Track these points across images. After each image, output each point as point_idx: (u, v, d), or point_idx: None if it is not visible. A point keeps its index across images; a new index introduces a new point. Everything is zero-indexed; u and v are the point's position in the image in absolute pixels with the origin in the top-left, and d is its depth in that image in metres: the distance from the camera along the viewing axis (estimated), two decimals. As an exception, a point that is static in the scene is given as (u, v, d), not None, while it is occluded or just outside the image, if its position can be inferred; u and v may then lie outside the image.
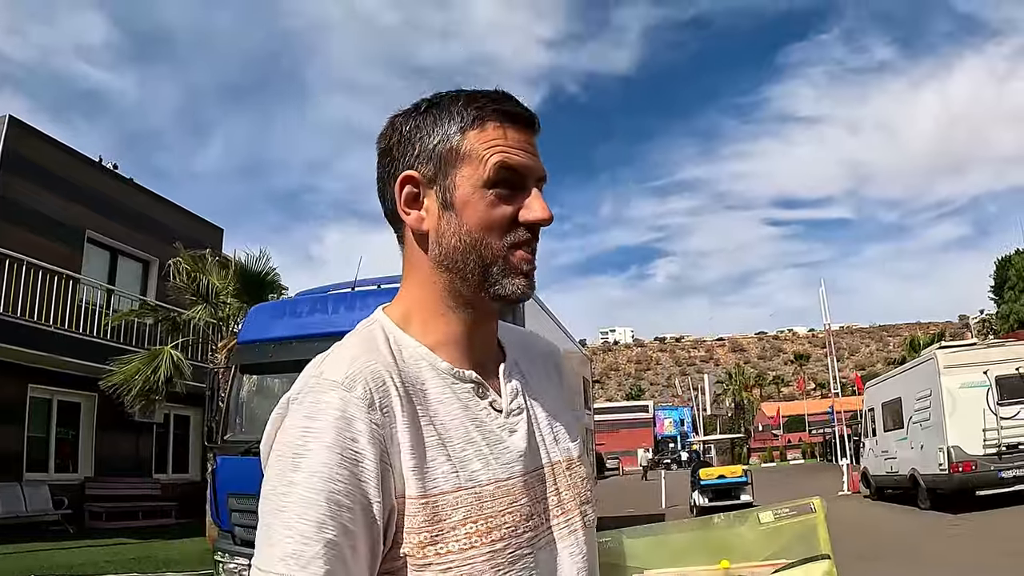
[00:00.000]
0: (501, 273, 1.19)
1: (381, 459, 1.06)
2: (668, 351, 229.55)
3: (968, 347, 18.58)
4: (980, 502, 16.13)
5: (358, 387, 1.08)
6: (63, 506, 16.48)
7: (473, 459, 1.14)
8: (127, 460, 19.34)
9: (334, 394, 1.07)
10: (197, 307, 15.84)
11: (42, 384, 16.91)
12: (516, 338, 1.42)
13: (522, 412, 1.26)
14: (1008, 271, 53.20)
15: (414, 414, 1.12)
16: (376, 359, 1.14)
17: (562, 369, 1.50)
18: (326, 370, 1.11)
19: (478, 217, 1.18)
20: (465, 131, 1.19)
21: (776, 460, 70.33)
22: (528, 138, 1.22)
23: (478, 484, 1.12)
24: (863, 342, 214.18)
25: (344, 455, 1.03)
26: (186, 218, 23.29)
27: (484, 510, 1.11)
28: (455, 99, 1.22)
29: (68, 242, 17.98)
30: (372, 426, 1.06)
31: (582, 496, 1.29)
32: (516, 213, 1.19)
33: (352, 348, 1.16)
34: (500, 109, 1.20)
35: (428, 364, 1.19)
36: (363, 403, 1.07)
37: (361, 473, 1.03)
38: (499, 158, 1.17)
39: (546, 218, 1.19)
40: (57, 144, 18.85)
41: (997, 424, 16.05)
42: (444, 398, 1.17)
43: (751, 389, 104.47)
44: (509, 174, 1.18)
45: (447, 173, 1.19)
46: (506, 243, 1.19)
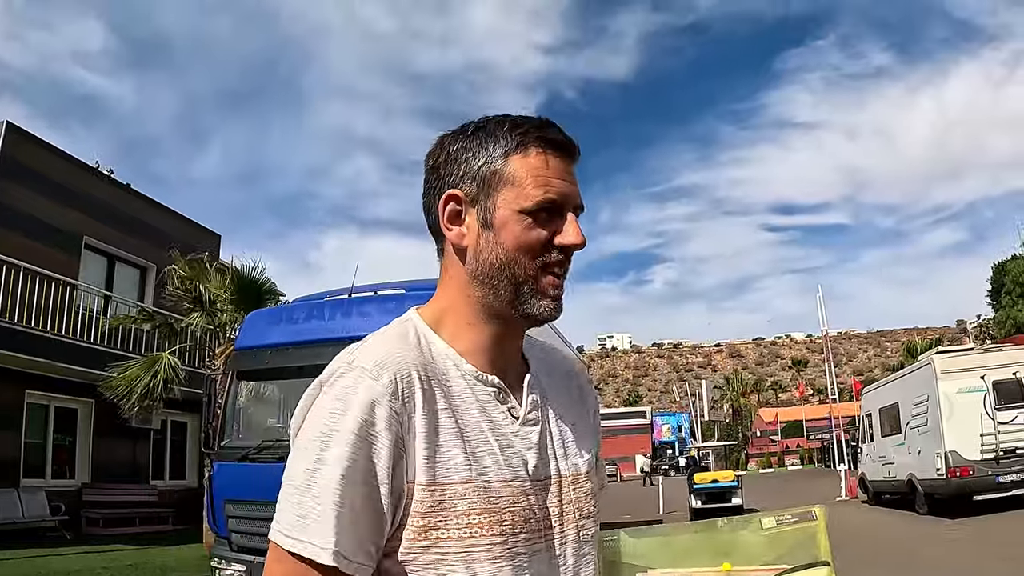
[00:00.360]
0: (531, 293, 1.27)
1: (396, 444, 1.15)
2: (666, 357, 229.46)
3: (965, 352, 18.58)
4: (978, 507, 16.10)
5: (384, 376, 1.17)
6: (60, 512, 16.44)
7: (485, 456, 1.22)
8: (124, 466, 19.31)
9: (361, 382, 1.16)
10: (194, 314, 15.83)
11: (39, 390, 16.89)
12: (541, 354, 1.48)
13: (537, 423, 1.32)
14: (1005, 276, 53.21)
15: (435, 406, 1.21)
16: (405, 352, 1.22)
17: (585, 388, 1.55)
18: (358, 358, 1.20)
19: (514, 238, 1.25)
20: (508, 155, 1.27)
21: (774, 466, 70.34)
22: (567, 166, 1.30)
23: (487, 480, 1.20)
24: (861, 348, 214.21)
25: (364, 439, 1.13)
26: (183, 224, 23.28)
27: (488, 504, 1.19)
28: (501, 123, 1.30)
29: (65, 248, 17.97)
30: (392, 413, 1.15)
31: (583, 511, 1.34)
32: (551, 236, 1.26)
33: (385, 340, 1.25)
34: (543, 136, 1.28)
35: (453, 364, 1.27)
36: (387, 392, 1.15)
37: (375, 456, 1.13)
38: (540, 191, 1.25)
39: (579, 243, 1.28)
40: (54, 150, 18.85)
41: (995, 429, 16.05)
42: (465, 396, 1.25)
43: (749, 395, 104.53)
44: (549, 203, 1.26)
45: (489, 194, 1.27)
46: (538, 264, 1.26)
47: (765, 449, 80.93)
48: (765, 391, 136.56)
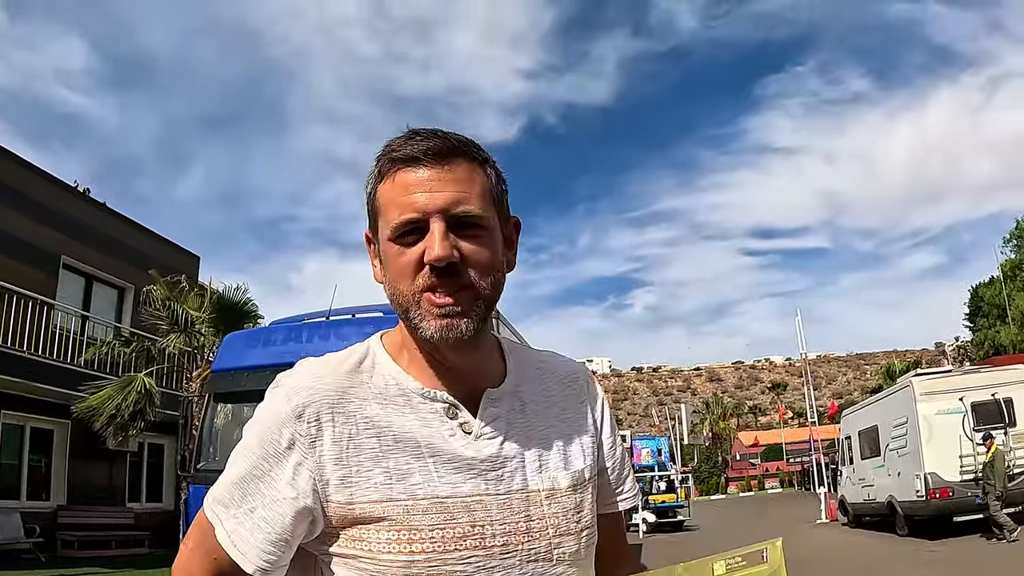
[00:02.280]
0: (418, 317, 1.23)
1: (298, 463, 1.20)
2: (645, 381, 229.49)
3: (944, 374, 18.72)
4: (958, 528, 16.17)
5: (295, 399, 1.22)
6: (35, 534, 16.22)
7: (415, 473, 1.21)
8: (100, 488, 19.10)
9: (279, 400, 1.24)
10: (172, 335, 15.73)
11: (14, 410, 16.69)
12: (534, 364, 1.45)
13: (496, 436, 1.29)
14: (982, 299, 53.72)
15: (351, 428, 1.23)
16: (331, 376, 1.26)
17: (589, 396, 1.50)
18: (288, 375, 1.28)
19: (391, 267, 1.25)
20: (376, 186, 1.27)
21: (754, 489, 70.35)
22: (432, 172, 1.23)
23: (412, 497, 1.19)
24: (840, 370, 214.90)
25: (268, 451, 1.21)
26: (162, 245, 23.17)
27: (411, 522, 1.18)
28: (382, 151, 1.28)
29: (43, 267, 17.83)
30: (296, 435, 1.21)
31: (560, 527, 1.29)
32: (422, 256, 1.21)
33: (314, 365, 1.29)
34: (392, 157, 1.24)
35: (397, 383, 1.28)
36: (293, 414, 1.21)
37: (275, 469, 1.21)
38: (397, 214, 1.22)
39: (432, 259, 1.19)
40: (33, 168, 18.73)
41: (974, 450, 16.13)
42: (402, 415, 1.25)
43: (728, 418, 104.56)
44: (406, 225, 1.22)
45: (376, 228, 1.29)
46: (415, 287, 1.23)
47: (745, 472, 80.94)
48: (744, 415, 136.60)
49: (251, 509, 1.20)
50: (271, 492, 1.20)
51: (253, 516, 1.20)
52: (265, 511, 1.20)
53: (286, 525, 1.20)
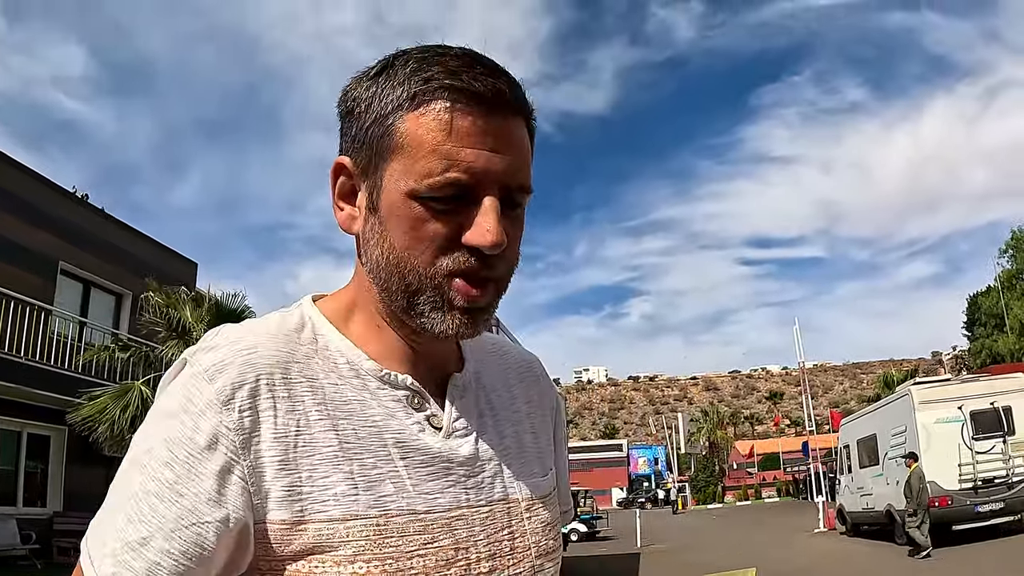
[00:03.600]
0: (430, 304, 0.94)
1: (225, 470, 0.86)
2: (642, 390, 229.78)
3: (942, 383, 18.71)
4: (956, 537, 16.14)
5: (219, 379, 0.88)
6: (31, 541, 16.13)
7: (385, 481, 0.92)
8: (97, 495, 18.26)
9: (195, 382, 0.89)
10: (170, 342, 15.70)
11: (11, 416, 16.63)
12: (492, 349, 1.18)
13: (469, 434, 1.02)
14: (980, 307, 53.82)
15: (300, 418, 0.91)
16: (267, 348, 0.93)
17: (545, 390, 1.22)
18: (203, 349, 0.93)
19: (402, 231, 0.92)
20: (402, 111, 0.91)
21: (751, 498, 70.26)
22: (495, 126, 0.91)
23: (384, 513, 0.90)
24: (837, 380, 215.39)
25: (177, 455, 0.86)
26: (160, 252, 23.11)
27: (385, 548, 0.89)
28: (406, 63, 0.93)
29: (41, 273, 17.77)
30: (222, 429, 0.87)
31: (541, 546, 1.05)
32: (458, 231, 0.91)
33: (245, 329, 0.96)
34: (454, 85, 0.90)
35: (348, 362, 0.97)
36: (217, 400, 0.88)
37: (193, 486, 0.85)
38: (440, 166, 0.89)
39: (486, 244, 0.90)
40: (31, 173, 18.67)
41: (972, 459, 16.14)
42: (362, 402, 0.95)
43: (725, 428, 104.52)
44: (450, 187, 0.90)
45: (378, 166, 0.93)
46: (440, 268, 0.92)
47: (742, 481, 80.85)
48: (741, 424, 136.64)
49: (142, 541, 0.84)
50: (180, 514, 0.85)
51: (145, 553, 0.84)
52: (169, 543, 0.84)
53: (207, 558, 0.86)
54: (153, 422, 0.90)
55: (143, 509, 0.85)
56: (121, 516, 0.86)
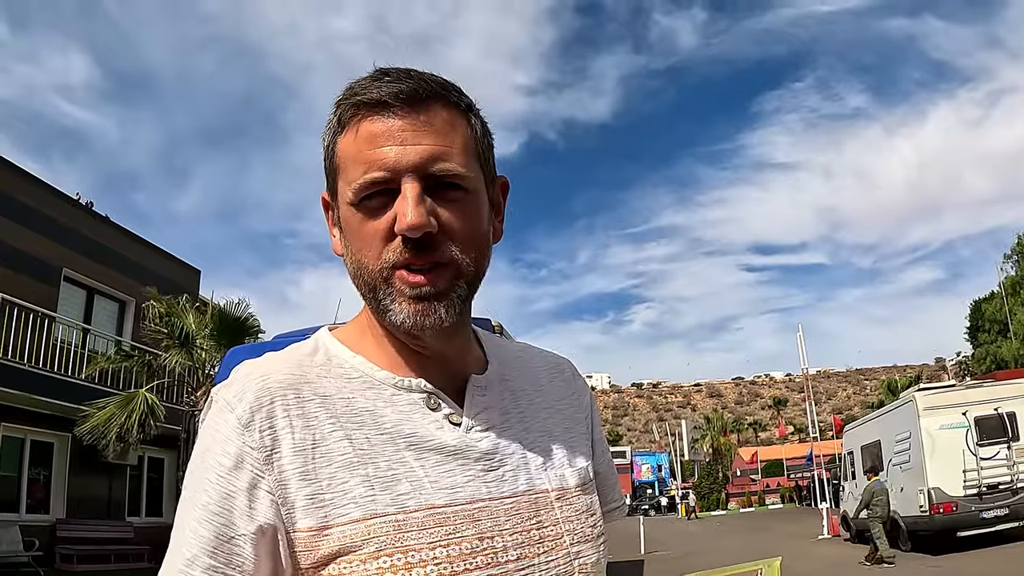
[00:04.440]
0: (388, 298, 1.01)
1: (252, 486, 0.95)
2: (645, 397, 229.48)
3: (947, 389, 18.67)
4: (961, 543, 16.10)
5: (239, 407, 0.98)
6: (34, 547, 16.13)
7: (401, 481, 0.98)
8: (100, 502, 19.02)
9: (219, 415, 1.00)
10: (173, 350, 15.73)
11: (15, 423, 16.64)
12: (513, 353, 1.25)
13: (490, 429, 1.08)
14: (984, 313, 53.76)
15: (315, 432, 0.98)
16: (280, 372, 1.02)
17: (578, 388, 1.29)
18: (223, 386, 1.03)
19: (353, 238, 1.02)
20: (336, 138, 1.03)
21: (755, 505, 70.12)
22: (402, 122, 0.99)
23: (402, 510, 0.96)
24: (840, 386, 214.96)
25: (214, 485, 0.95)
26: (163, 259, 23.19)
27: (405, 541, 0.94)
28: (340, 97, 1.04)
29: (44, 279, 17.82)
30: (245, 449, 0.96)
31: (577, 533, 1.09)
32: (392, 223, 0.99)
33: (260, 362, 1.05)
34: (358, 101, 1.00)
35: (361, 375, 1.05)
36: (239, 424, 0.97)
37: (227, 503, 0.94)
38: (360, 173, 0.99)
39: (403, 228, 0.97)
40: (35, 180, 18.74)
41: (977, 465, 16.10)
42: (374, 410, 1.02)
43: (729, 434, 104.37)
44: (371, 186, 0.99)
45: (334, 190, 1.06)
46: (386, 262, 1.00)
47: (746, 488, 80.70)
48: (745, 430, 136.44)
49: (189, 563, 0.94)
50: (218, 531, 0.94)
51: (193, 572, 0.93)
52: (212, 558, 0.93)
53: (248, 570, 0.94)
54: (192, 462, 1.01)
55: (187, 535, 0.95)
56: (174, 549, 0.96)
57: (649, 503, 77.05)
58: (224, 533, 0.94)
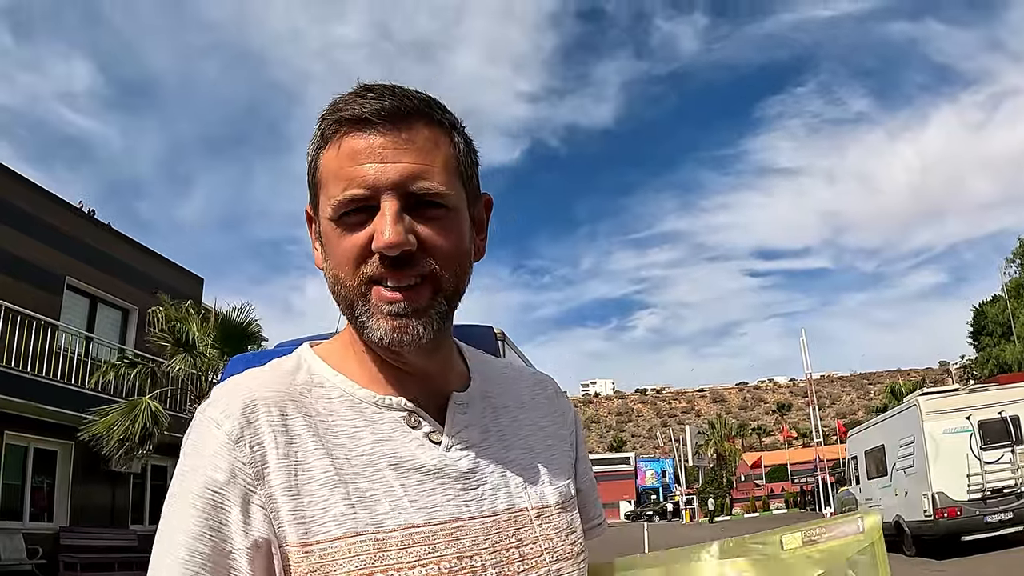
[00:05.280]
0: (364, 314, 1.01)
1: (246, 500, 0.94)
2: (649, 403, 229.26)
3: (950, 393, 18.63)
4: (966, 548, 16.05)
5: (227, 423, 0.97)
6: (37, 556, 16.13)
7: (380, 500, 0.97)
8: (103, 510, 19.02)
9: (207, 431, 0.98)
10: (177, 357, 15.73)
11: (18, 431, 16.65)
12: (497, 369, 1.24)
13: (470, 448, 1.07)
14: (986, 317, 53.71)
15: (298, 448, 0.98)
16: (265, 389, 1.02)
17: (561, 406, 1.29)
18: (209, 403, 1.02)
19: (333, 253, 1.02)
20: (318, 153, 1.03)
21: (759, 510, 70.03)
22: (384, 139, 0.99)
23: (381, 529, 0.95)
24: (844, 390, 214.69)
25: (207, 501, 0.94)
26: (166, 267, 23.19)
27: (385, 561, 0.94)
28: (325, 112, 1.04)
29: (47, 288, 17.83)
30: (237, 464, 0.95)
31: (557, 551, 1.09)
32: (370, 239, 0.99)
33: (244, 378, 1.05)
34: (341, 117, 1.00)
35: (342, 393, 1.04)
36: (229, 440, 0.96)
37: (222, 518, 0.93)
38: (340, 189, 0.99)
39: (381, 245, 0.98)
40: (37, 188, 18.75)
41: (981, 469, 16.07)
42: (354, 430, 1.02)
43: (733, 440, 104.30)
44: (350, 203, 0.99)
45: (315, 205, 1.06)
46: (362, 277, 1.00)
47: (750, 493, 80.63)
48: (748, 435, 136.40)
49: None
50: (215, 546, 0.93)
51: None
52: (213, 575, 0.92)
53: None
54: (177, 481, 0.98)
55: (180, 554, 0.92)
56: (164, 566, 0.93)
57: (654, 509, 76.96)
58: (222, 548, 0.93)
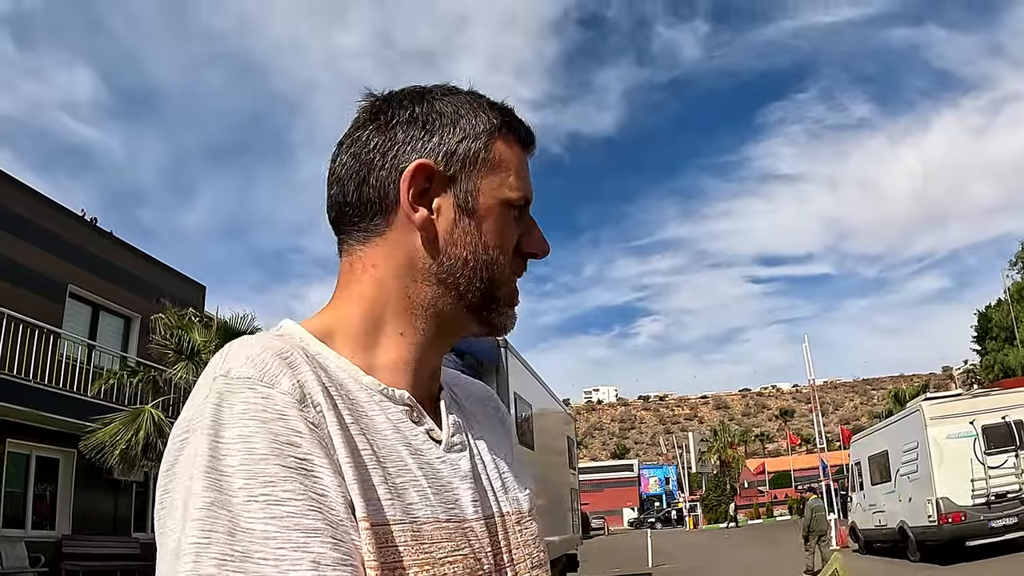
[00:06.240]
0: (505, 300, 1.05)
1: (332, 467, 0.82)
2: (652, 409, 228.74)
3: (954, 398, 18.62)
4: (970, 553, 16.03)
5: (283, 381, 0.84)
6: (40, 564, 16.11)
7: (409, 489, 0.91)
8: (105, 518, 19.01)
9: (252, 392, 0.82)
10: (179, 365, 15.74)
11: (20, 439, 16.64)
12: (452, 374, 1.20)
13: (464, 449, 1.03)
14: (990, 321, 53.71)
15: (347, 422, 0.89)
16: (296, 353, 0.89)
17: (503, 415, 1.27)
18: (233, 367, 0.84)
19: (498, 233, 1.02)
20: (493, 137, 1.04)
21: (763, 516, 69.94)
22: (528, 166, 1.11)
23: (415, 520, 0.89)
24: (847, 396, 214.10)
25: (290, 468, 0.78)
26: (168, 275, 23.21)
27: (421, 553, 0.87)
28: (477, 97, 1.07)
29: (49, 296, 17.84)
30: (310, 425, 0.82)
31: (533, 557, 1.07)
32: (519, 239, 1.06)
33: (261, 340, 0.90)
34: (523, 127, 1.08)
35: (351, 377, 0.95)
36: (293, 400, 0.83)
37: (317, 484, 0.79)
38: (520, 184, 1.05)
39: (547, 251, 1.09)
40: (40, 196, 18.79)
41: (985, 473, 16.05)
42: (373, 413, 0.94)
43: (736, 446, 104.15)
44: (524, 201, 1.06)
45: (470, 175, 1.02)
46: (514, 269, 1.06)
47: (754, 500, 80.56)
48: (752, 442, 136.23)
49: (315, 565, 0.76)
50: (332, 520, 0.79)
51: None
52: (336, 551, 0.78)
53: (358, 559, 0.81)
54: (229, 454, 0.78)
55: (293, 537, 0.75)
56: (260, 559, 0.74)
57: (657, 516, 76.88)
58: (331, 519, 0.79)
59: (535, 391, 14.44)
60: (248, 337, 0.92)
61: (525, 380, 13.52)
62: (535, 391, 14.44)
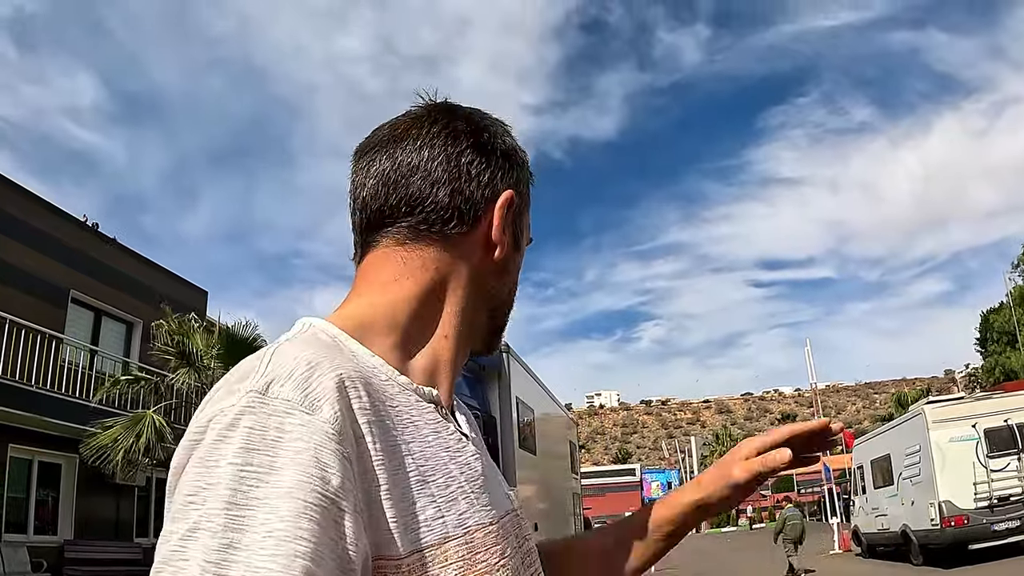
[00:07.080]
0: (504, 326, 1.12)
1: (356, 508, 0.74)
2: (654, 414, 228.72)
3: (956, 401, 18.61)
4: (973, 556, 16.00)
5: (324, 408, 0.75)
6: (42, 569, 16.10)
7: (459, 498, 0.87)
8: (108, 523, 18.99)
9: (292, 419, 0.73)
10: (181, 370, 15.75)
11: (23, 444, 16.64)
12: None
13: (479, 447, 1.01)
14: (992, 324, 53.63)
15: (390, 441, 0.82)
16: (340, 363, 0.81)
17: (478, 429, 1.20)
18: (275, 381, 0.76)
19: (513, 270, 1.09)
20: (528, 183, 1.11)
21: (765, 520, 69.81)
22: None
23: (467, 530, 0.85)
24: (849, 400, 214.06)
25: (314, 505, 0.69)
26: (170, 280, 23.20)
27: (478, 564, 0.84)
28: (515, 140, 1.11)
29: (52, 301, 17.85)
30: (344, 463, 0.74)
31: (535, 553, 1.06)
32: None
33: (303, 349, 0.82)
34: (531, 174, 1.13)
35: (387, 378, 0.89)
36: (333, 432, 0.74)
37: (338, 529, 0.71)
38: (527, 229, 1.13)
39: None
40: (42, 202, 18.80)
41: (988, 477, 16.02)
42: (416, 419, 0.88)
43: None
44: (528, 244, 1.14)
45: (522, 214, 1.09)
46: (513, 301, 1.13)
47: (756, 504, 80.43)
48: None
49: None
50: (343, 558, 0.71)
51: None
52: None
53: None
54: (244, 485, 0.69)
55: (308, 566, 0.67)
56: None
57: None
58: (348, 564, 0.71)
59: (537, 396, 14.43)
60: (289, 345, 0.83)
61: (527, 385, 13.51)
62: (537, 396, 14.43)
